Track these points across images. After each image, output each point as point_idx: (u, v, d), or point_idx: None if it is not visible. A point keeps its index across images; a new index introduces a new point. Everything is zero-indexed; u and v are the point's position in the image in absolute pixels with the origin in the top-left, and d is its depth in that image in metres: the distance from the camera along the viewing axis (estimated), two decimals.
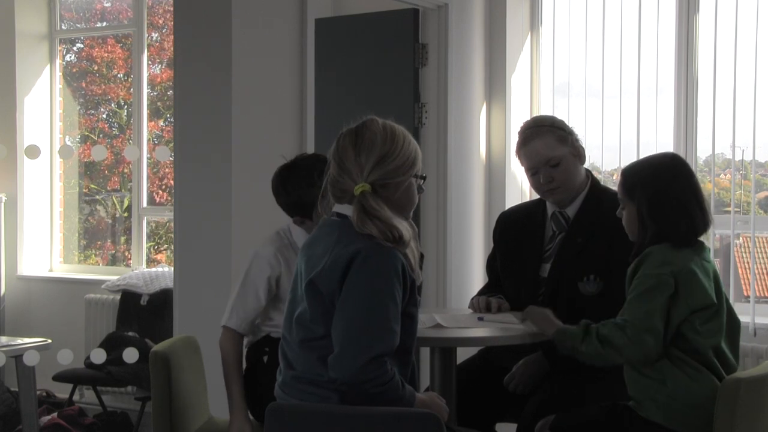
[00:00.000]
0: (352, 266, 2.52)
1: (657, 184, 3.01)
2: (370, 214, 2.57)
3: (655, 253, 2.93)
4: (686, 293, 2.89)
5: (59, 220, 6.75)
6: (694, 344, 2.90)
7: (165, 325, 5.45)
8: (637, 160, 3.25)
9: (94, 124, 6.91)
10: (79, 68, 6.94)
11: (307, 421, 2.54)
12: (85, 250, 6.89)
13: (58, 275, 6.63)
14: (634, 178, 3.05)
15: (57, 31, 6.76)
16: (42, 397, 5.89)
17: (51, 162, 6.69)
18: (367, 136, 2.65)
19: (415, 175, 2.69)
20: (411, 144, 2.69)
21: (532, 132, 3.49)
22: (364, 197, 2.59)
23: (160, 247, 6.74)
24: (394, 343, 2.52)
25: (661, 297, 2.87)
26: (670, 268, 2.89)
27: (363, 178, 2.62)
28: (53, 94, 6.72)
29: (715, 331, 2.94)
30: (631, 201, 3.03)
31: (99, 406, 5.87)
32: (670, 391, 2.89)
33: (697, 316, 2.90)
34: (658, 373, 2.91)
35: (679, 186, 3.01)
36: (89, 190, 6.86)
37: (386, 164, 2.63)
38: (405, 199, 2.69)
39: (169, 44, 6.47)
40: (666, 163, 3.08)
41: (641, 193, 3.01)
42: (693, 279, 2.90)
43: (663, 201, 2.99)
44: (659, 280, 2.89)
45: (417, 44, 5.00)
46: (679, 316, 2.89)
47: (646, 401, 2.93)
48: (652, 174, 3.04)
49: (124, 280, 6.07)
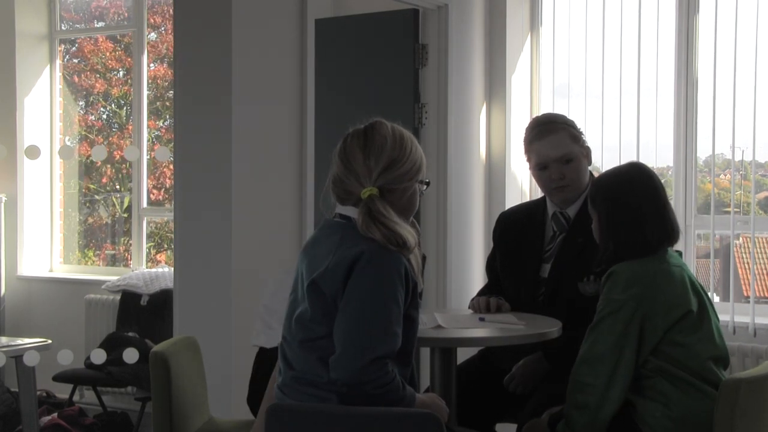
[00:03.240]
0: (355, 268, 2.52)
1: (613, 194, 3.04)
2: (376, 219, 2.57)
3: (619, 273, 2.93)
4: (654, 312, 2.88)
5: (59, 221, 6.75)
6: (682, 358, 2.89)
7: (165, 325, 5.45)
8: (607, 170, 3.27)
9: (93, 123, 6.91)
10: (78, 68, 6.94)
11: (307, 422, 2.54)
12: (85, 251, 6.89)
13: (58, 275, 6.63)
14: (597, 188, 3.10)
15: (57, 32, 6.76)
16: (42, 397, 5.89)
17: (51, 162, 6.69)
18: (377, 139, 2.65)
19: (420, 181, 2.71)
20: (418, 150, 2.71)
21: (548, 128, 3.49)
22: (372, 201, 2.59)
23: (160, 247, 6.74)
24: (396, 344, 2.52)
25: (623, 325, 2.87)
26: (633, 291, 2.88)
27: (371, 182, 2.62)
28: (53, 95, 6.72)
29: (705, 339, 2.93)
30: (594, 210, 3.09)
31: (99, 406, 5.88)
32: (670, 412, 2.88)
33: (678, 328, 2.90)
34: (655, 393, 2.90)
35: (636, 196, 3.02)
36: (89, 190, 6.86)
37: (395, 169, 2.64)
38: (409, 204, 2.70)
39: (167, 44, 6.47)
40: (625, 173, 3.10)
41: (601, 203, 3.06)
42: (658, 296, 2.89)
43: (618, 211, 3.02)
44: (622, 305, 2.88)
45: (417, 44, 4.99)
46: (654, 335, 2.88)
47: (646, 416, 2.91)
48: (611, 184, 3.07)
49: (124, 280, 6.07)
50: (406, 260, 2.57)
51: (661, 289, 2.90)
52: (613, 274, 2.94)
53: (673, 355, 2.90)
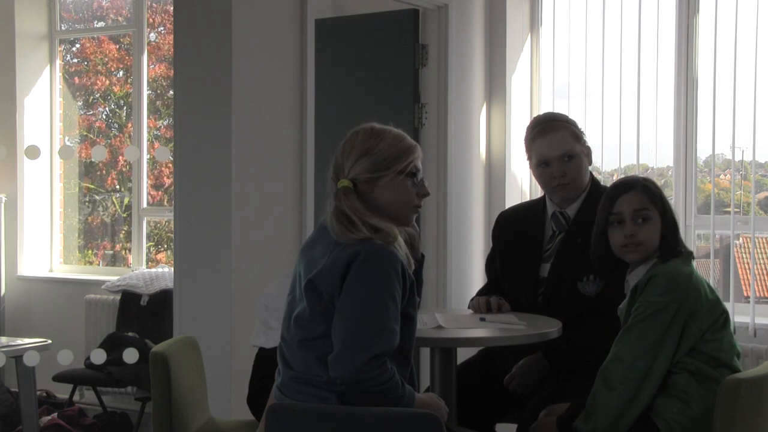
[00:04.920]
0: (351, 267, 2.52)
1: (663, 194, 3.04)
2: (336, 210, 2.58)
3: (658, 276, 2.90)
4: (697, 313, 2.87)
5: (59, 220, 6.75)
6: (714, 355, 2.89)
7: (165, 325, 5.45)
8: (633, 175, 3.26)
9: (93, 123, 6.91)
10: (78, 68, 6.94)
11: (307, 421, 2.54)
12: (85, 251, 6.89)
13: (58, 275, 6.63)
14: (654, 185, 3.04)
15: (57, 32, 6.76)
16: (42, 397, 5.90)
17: (51, 162, 6.69)
18: (356, 135, 2.68)
19: (403, 172, 2.66)
20: (399, 141, 2.67)
21: (550, 125, 3.50)
22: (339, 198, 2.61)
23: (160, 247, 6.74)
24: (394, 342, 2.52)
25: (663, 327, 2.85)
26: (674, 293, 2.86)
27: (344, 174, 2.64)
28: (53, 95, 6.72)
29: (730, 335, 2.93)
30: (654, 206, 2.99)
31: (99, 406, 5.88)
32: (689, 409, 2.86)
33: (715, 328, 2.90)
34: (677, 390, 2.89)
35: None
36: (89, 191, 6.86)
37: (366, 159, 2.64)
38: (389, 197, 2.66)
39: (167, 44, 6.47)
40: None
41: (660, 200, 3.01)
42: (698, 297, 2.89)
43: (671, 209, 3.03)
44: (663, 307, 2.86)
45: (417, 45, 5.00)
46: (694, 336, 2.87)
47: (662, 411, 2.89)
48: (656, 186, 3.06)
49: (124, 280, 6.07)
50: (402, 257, 2.56)
51: (699, 290, 2.90)
52: (654, 277, 2.90)
53: (705, 352, 2.89)
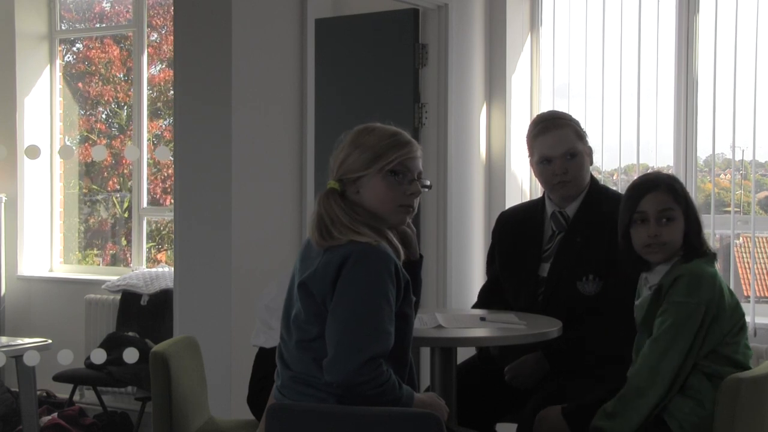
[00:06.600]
0: (343, 269, 2.49)
1: (687, 191, 3.04)
2: (315, 214, 2.56)
3: (684, 276, 2.89)
4: (722, 314, 2.88)
5: (59, 221, 6.75)
6: (731, 356, 2.90)
7: (165, 325, 5.44)
8: (656, 172, 3.24)
9: (94, 124, 6.91)
10: (78, 69, 6.94)
11: (306, 421, 2.53)
12: (85, 251, 6.89)
13: (58, 275, 6.63)
14: (678, 183, 3.03)
15: (57, 32, 6.76)
16: (42, 397, 5.89)
17: (51, 162, 6.69)
18: (347, 134, 2.65)
19: (381, 170, 2.58)
20: (384, 139, 2.59)
21: (554, 123, 3.50)
22: (321, 203, 2.58)
23: (160, 247, 6.74)
24: (389, 344, 2.49)
25: (693, 331, 2.85)
26: (701, 294, 2.86)
27: (333, 175, 2.63)
28: (53, 95, 6.72)
29: (746, 336, 2.95)
30: (677, 204, 2.98)
31: (99, 406, 5.88)
32: (701, 409, 2.87)
33: (736, 329, 2.92)
34: (690, 390, 2.89)
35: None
36: (89, 191, 6.86)
37: (350, 159, 2.60)
38: (371, 197, 2.59)
39: (168, 45, 6.47)
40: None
41: (684, 198, 3.00)
42: (722, 298, 2.89)
43: (694, 206, 3.02)
44: (693, 310, 2.85)
45: (417, 44, 5.00)
46: (715, 338, 2.88)
47: (674, 411, 2.89)
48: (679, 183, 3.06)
49: (124, 280, 6.07)
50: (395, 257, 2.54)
51: (723, 292, 2.90)
52: (680, 277, 2.89)
53: (723, 354, 2.90)
